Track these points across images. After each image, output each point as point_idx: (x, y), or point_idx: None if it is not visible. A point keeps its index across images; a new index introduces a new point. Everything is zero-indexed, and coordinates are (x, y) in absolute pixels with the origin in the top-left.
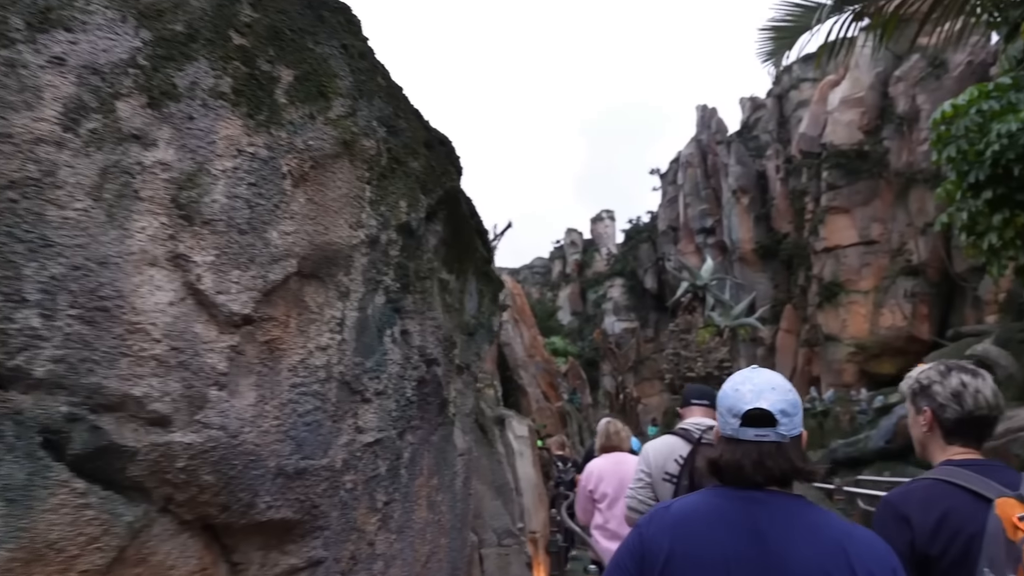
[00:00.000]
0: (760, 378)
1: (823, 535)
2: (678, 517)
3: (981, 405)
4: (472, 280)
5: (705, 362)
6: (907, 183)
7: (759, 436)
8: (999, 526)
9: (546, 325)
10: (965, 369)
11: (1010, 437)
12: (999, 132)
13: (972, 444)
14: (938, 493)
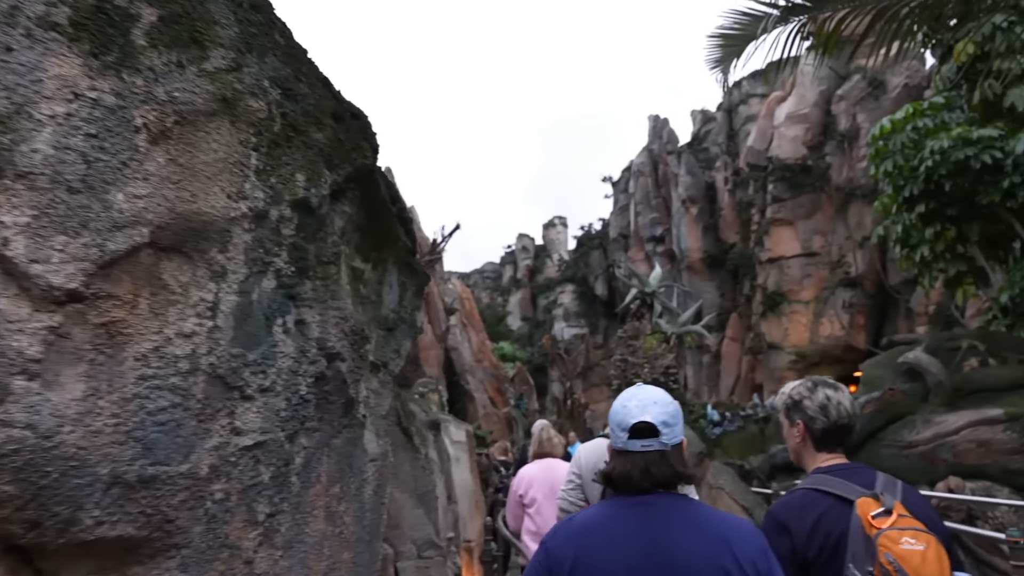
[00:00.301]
0: (644, 394)
1: (707, 528)
2: (580, 528)
3: (843, 415)
4: (393, 271)
5: (652, 368)
6: (847, 198)
7: (645, 447)
8: (859, 524)
9: (495, 330)
10: (827, 384)
11: (938, 442)
12: (932, 149)
13: (837, 450)
14: (811, 501)
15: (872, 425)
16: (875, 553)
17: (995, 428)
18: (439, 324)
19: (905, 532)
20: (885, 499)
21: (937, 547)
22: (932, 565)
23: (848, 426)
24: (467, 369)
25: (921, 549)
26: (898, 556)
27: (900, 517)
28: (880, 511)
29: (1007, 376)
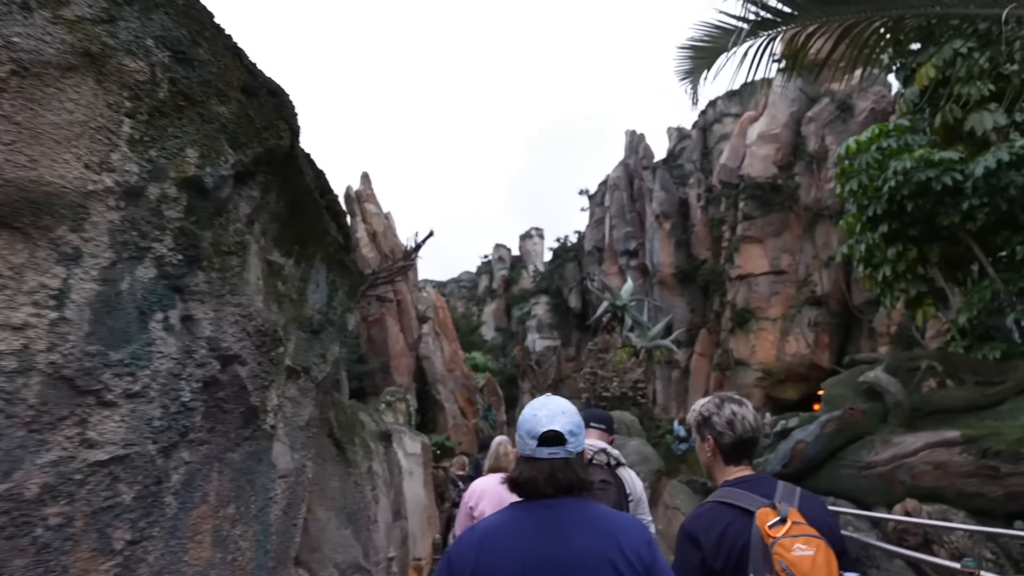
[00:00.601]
0: (553, 404)
1: (598, 526)
2: (483, 533)
3: (747, 430)
4: (321, 268)
5: (621, 382)
6: (814, 218)
7: (552, 454)
8: (758, 534)
9: (469, 340)
10: (733, 400)
11: (896, 463)
12: (895, 169)
13: (743, 462)
14: (718, 514)
15: (832, 444)
16: (771, 561)
17: (952, 450)
18: (411, 332)
19: (797, 539)
20: (781, 508)
21: (826, 550)
22: (821, 569)
23: (752, 439)
24: (439, 379)
25: (811, 554)
26: (790, 563)
27: (794, 524)
28: (776, 520)
29: (964, 398)
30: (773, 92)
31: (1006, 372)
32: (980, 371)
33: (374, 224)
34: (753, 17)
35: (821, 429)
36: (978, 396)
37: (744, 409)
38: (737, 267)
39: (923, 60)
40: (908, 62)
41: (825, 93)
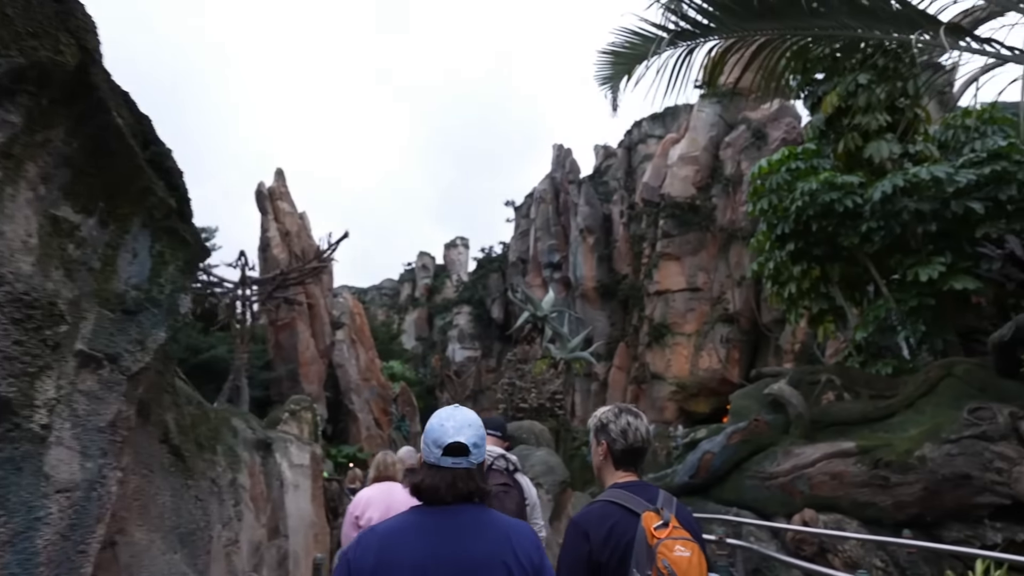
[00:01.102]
0: (460, 416)
1: (494, 531)
2: (383, 536)
3: (638, 440)
4: (141, 235)
5: (539, 393)
6: (729, 238)
7: (455, 464)
8: (643, 534)
9: (387, 348)
10: (630, 411)
11: (796, 474)
12: (802, 190)
13: (632, 469)
14: (607, 512)
15: (738, 455)
16: (654, 559)
17: (847, 461)
18: (324, 338)
19: (677, 541)
20: (664, 513)
21: (699, 553)
22: (695, 568)
23: (642, 449)
24: (352, 387)
25: (688, 555)
26: (672, 562)
27: (674, 528)
28: (660, 523)
29: (859, 410)
30: (694, 116)
31: (897, 387)
32: (874, 385)
33: (287, 223)
34: (672, 27)
35: (727, 440)
36: (871, 409)
37: (639, 421)
38: (656, 283)
39: (828, 89)
40: (815, 90)
41: (742, 120)
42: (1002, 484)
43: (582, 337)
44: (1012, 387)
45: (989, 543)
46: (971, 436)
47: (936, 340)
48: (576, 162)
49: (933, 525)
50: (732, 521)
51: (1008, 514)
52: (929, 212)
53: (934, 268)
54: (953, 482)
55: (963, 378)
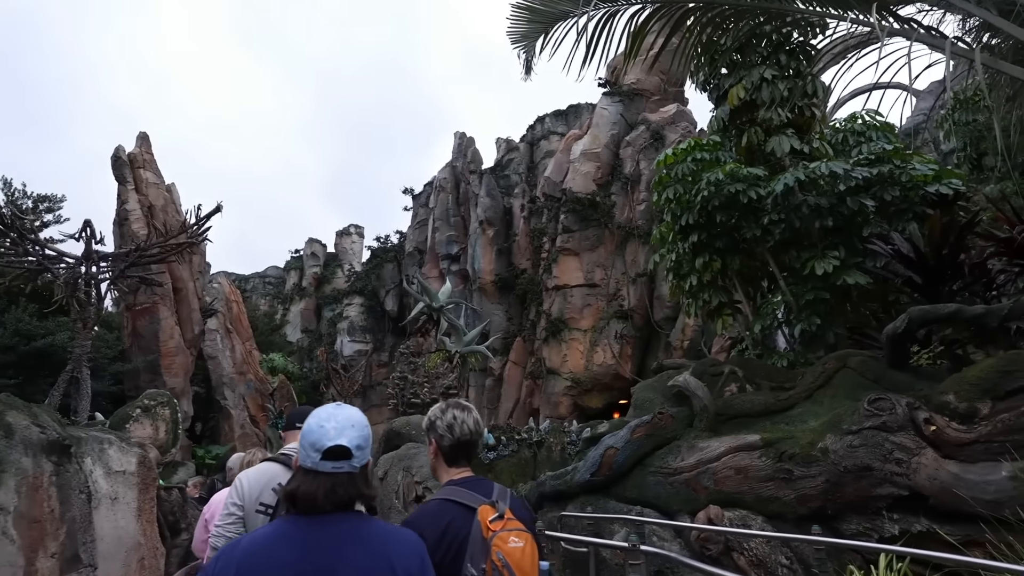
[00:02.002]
0: (343, 415)
1: (372, 544)
2: (247, 549)
3: (466, 433)
4: None
5: (432, 388)
6: (626, 236)
7: (335, 468)
8: (479, 528)
9: (268, 340)
10: (458, 406)
11: (700, 469)
12: (708, 180)
13: (464, 464)
14: (442, 510)
15: (641, 450)
16: (489, 552)
17: (752, 454)
18: (192, 326)
19: (512, 533)
20: (499, 506)
21: (532, 543)
22: (528, 558)
23: (471, 443)
24: (226, 382)
25: (521, 546)
26: (506, 553)
27: (509, 520)
28: (495, 516)
29: (761, 402)
30: (597, 114)
31: (795, 378)
32: (774, 377)
33: (151, 195)
34: None
35: (631, 435)
36: (773, 401)
37: (466, 415)
38: (554, 278)
39: (734, 82)
40: (720, 83)
41: (642, 121)
42: (901, 475)
43: (479, 330)
44: (903, 378)
45: (887, 535)
46: (871, 427)
47: (828, 333)
48: (479, 151)
49: (833, 518)
50: (634, 521)
51: (904, 505)
52: (827, 207)
53: (829, 262)
54: (855, 474)
55: (858, 370)
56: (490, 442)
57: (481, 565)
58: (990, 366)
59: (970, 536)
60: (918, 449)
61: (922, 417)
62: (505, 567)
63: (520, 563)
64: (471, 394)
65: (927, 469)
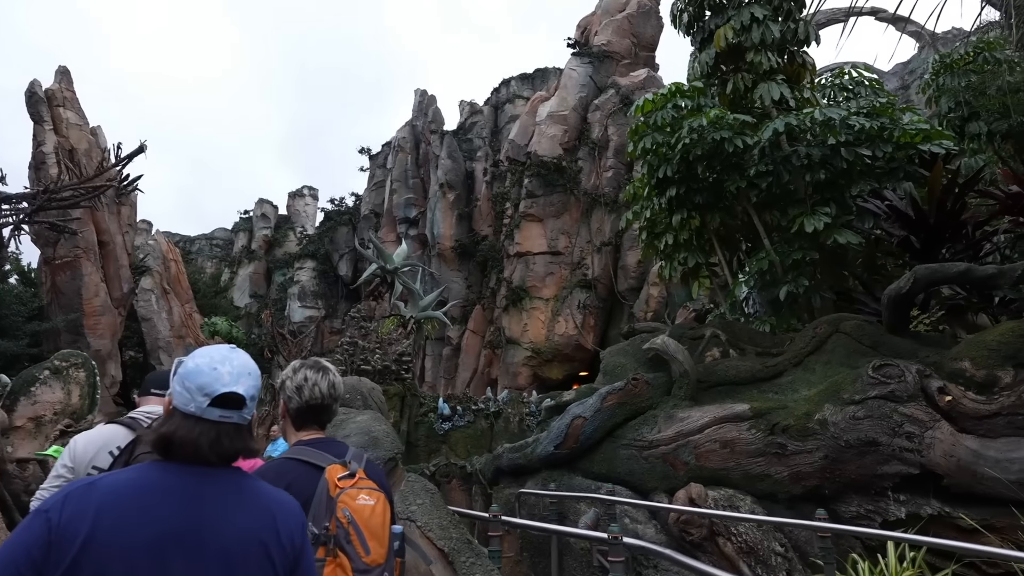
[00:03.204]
0: (239, 360)
1: (257, 504)
2: (107, 494)
3: (316, 396)
4: None
5: (384, 354)
6: (592, 203)
7: (223, 417)
8: (325, 486)
9: (211, 303)
10: (311, 366)
11: (680, 442)
12: (690, 127)
13: (314, 427)
14: (284, 469)
15: (612, 420)
16: (335, 509)
17: (740, 426)
18: (120, 284)
19: (362, 491)
20: (351, 466)
21: (384, 503)
22: (378, 517)
23: (321, 406)
24: (162, 345)
25: (372, 504)
26: (353, 510)
27: (360, 480)
28: (345, 475)
29: (747, 368)
30: (565, 75)
31: (782, 343)
32: (758, 342)
33: (72, 137)
34: None
35: (601, 403)
36: (760, 367)
37: (319, 376)
38: (516, 244)
39: (721, 22)
40: (705, 25)
41: (611, 84)
42: (912, 451)
43: (436, 295)
44: (904, 344)
45: (892, 518)
46: (877, 396)
47: (815, 296)
48: (440, 111)
49: (831, 499)
50: (604, 500)
51: (912, 485)
52: (818, 159)
53: (819, 219)
54: (858, 449)
55: (852, 334)
56: (445, 412)
57: (324, 523)
58: (1011, 329)
59: (986, 520)
60: (932, 422)
61: (935, 386)
62: (351, 524)
63: (368, 521)
64: (427, 363)
65: (943, 445)
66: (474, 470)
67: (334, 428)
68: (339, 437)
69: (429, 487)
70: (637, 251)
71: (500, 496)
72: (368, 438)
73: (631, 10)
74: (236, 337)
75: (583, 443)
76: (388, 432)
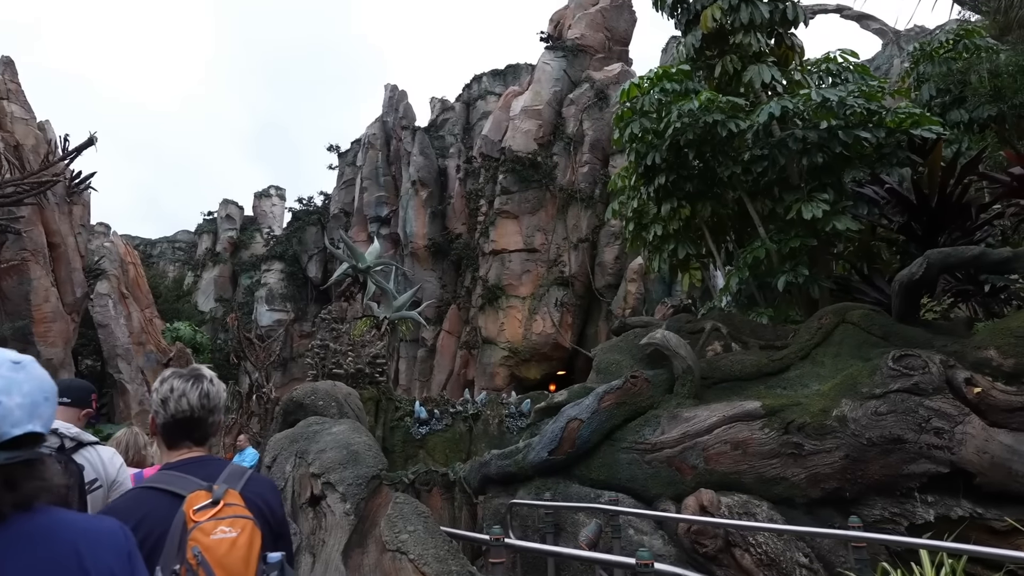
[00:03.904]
0: (30, 383)
1: (56, 547)
2: None
3: (183, 408)
4: None
5: (357, 357)
6: (568, 199)
7: (8, 459)
8: (181, 520)
9: (173, 308)
10: (181, 375)
11: (687, 444)
12: (680, 111)
13: (187, 444)
14: (140, 501)
15: (610, 422)
16: (186, 548)
17: (752, 425)
18: (72, 288)
19: (223, 521)
20: (217, 491)
21: (252, 532)
22: (240, 551)
23: (191, 419)
24: (120, 353)
25: (232, 536)
26: (205, 547)
27: (226, 507)
28: (206, 504)
29: (752, 362)
30: (539, 69)
31: (785, 335)
32: (760, 335)
33: (17, 132)
34: None
35: (598, 403)
36: (766, 361)
37: (188, 385)
38: (492, 242)
39: (708, 2)
40: (693, 4)
41: (586, 79)
42: (942, 448)
43: (410, 294)
44: (917, 334)
45: (919, 521)
46: (900, 390)
47: (813, 286)
48: (411, 107)
49: (852, 502)
50: (606, 510)
51: (940, 485)
52: (815, 143)
53: (817, 206)
54: (881, 447)
55: (860, 324)
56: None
57: (173, 566)
58: None
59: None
60: (961, 416)
61: (962, 377)
62: (201, 565)
63: (224, 559)
64: (402, 365)
65: (975, 440)
66: (457, 478)
67: (307, 441)
68: (311, 453)
69: (421, 510)
70: (614, 247)
71: (488, 507)
72: (347, 453)
73: (604, 4)
74: (200, 343)
75: (580, 447)
76: (370, 445)
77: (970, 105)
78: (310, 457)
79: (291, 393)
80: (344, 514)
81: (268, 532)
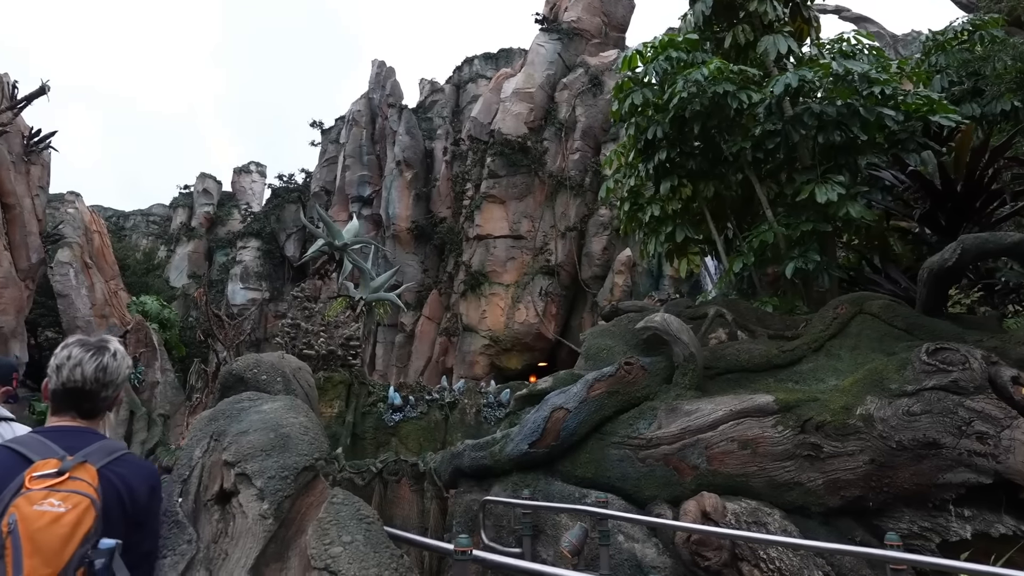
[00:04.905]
0: None
1: None
2: None
3: (76, 378)
4: None
5: (329, 338)
6: (557, 186)
7: None
8: (16, 486)
9: (142, 281)
10: (82, 343)
11: (688, 440)
12: (687, 80)
13: (71, 415)
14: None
15: (600, 413)
16: (4, 514)
17: (764, 422)
18: (27, 253)
19: (57, 494)
20: (67, 462)
21: (85, 511)
22: (62, 528)
23: (79, 390)
24: (80, 324)
25: (58, 511)
26: (22, 517)
27: (71, 480)
28: (48, 472)
29: (761, 353)
30: (533, 51)
31: (795, 325)
32: (768, 323)
33: None
34: None
35: (587, 391)
36: (776, 352)
37: (86, 355)
38: (477, 226)
39: None
40: None
41: (581, 64)
42: (985, 455)
43: (389, 276)
44: (945, 327)
45: (954, 538)
46: (936, 387)
47: (822, 275)
48: (399, 84)
49: (876, 513)
50: (593, 513)
51: (978, 497)
52: (833, 119)
53: (832, 189)
54: (913, 452)
55: (881, 315)
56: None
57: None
58: None
59: None
60: (1008, 420)
61: (1007, 375)
62: (11, 534)
63: (38, 533)
64: (379, 350)
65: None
66: (427, 469)
67: (227, 420)
68: (229, 435)
69: (364, 514)
70: (603, 238)
71: (460, 503)
72: (274, 436)
73: None
74: (168, 318)
75: (564, 440)
76: (307, 428)
77: (987, 97)
78: (226, 440)
79: (230, 364)
80: (259, 516)
81: (120, 518)
